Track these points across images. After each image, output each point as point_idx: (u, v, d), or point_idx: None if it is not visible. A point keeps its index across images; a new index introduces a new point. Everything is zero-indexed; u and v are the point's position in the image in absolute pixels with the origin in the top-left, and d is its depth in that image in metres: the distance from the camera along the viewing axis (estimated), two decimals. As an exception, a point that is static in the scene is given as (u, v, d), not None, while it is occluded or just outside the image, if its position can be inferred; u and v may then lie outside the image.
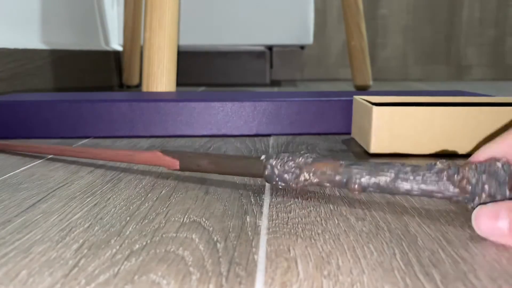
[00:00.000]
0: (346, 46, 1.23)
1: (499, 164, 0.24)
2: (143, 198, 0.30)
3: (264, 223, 0.26)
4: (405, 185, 0.26)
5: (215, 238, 0.23)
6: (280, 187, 0.30)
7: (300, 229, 0.25)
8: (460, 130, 0.42)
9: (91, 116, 0.52)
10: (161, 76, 0.66)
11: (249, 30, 1.35)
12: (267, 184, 0.33)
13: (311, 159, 0.29)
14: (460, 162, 0.28)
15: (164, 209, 0.28)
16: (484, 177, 0.24)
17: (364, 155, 0.43)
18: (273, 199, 0.30)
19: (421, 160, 0.41)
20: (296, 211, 0.28)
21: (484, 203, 0.24)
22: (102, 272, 0.20)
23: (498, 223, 0.22)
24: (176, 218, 0.26)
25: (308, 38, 1.37)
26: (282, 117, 0.53)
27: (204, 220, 0.26)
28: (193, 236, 0.24)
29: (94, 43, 1.20)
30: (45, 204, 0.29)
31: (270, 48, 1.44)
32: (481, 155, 0.26)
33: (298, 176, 0.29)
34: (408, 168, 0.26)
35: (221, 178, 0.35)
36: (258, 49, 1.42)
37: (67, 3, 1.06)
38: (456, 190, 0.25)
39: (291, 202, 0.29)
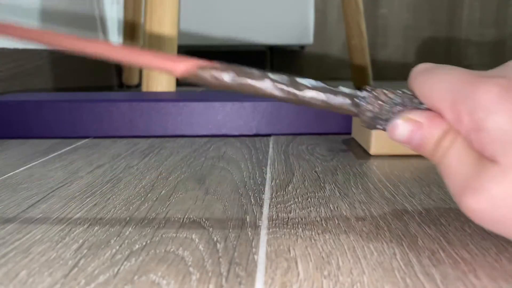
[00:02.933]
0: (346, 46, 1.23)
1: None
2: (143, 198, 0.30)
3: (264, 223, 0.26)
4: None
5: (215, 238, 0.23)
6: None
7: (300, 229, 0.25)
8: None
9: (91, 116, 0.52)
10: (161, 76, 0.66)
11: (249, 30, 1.35)
12: (267, 184, 0.33)
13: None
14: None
15: (164, 209, 0.28)
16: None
17: (365, 155, 0.43)
18: (273, 199, 0.30)
19: (421, 161, 0.41)
20: (296, 211, 0.28)
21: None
22: (102, 272, 0.20)
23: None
24: (176, 218, 0.26)
25: (308, 38, 1.37)
26: (282, 117, 0.53)
27: (204, 220, 0.26)
28: (193, 236, 0.24)
29: (94, 43, 1.20)
30: (44, 204, 0.29)
31: (270, 48, 1.44)
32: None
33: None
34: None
35: (221, 178, 0.35)
36: (258, 49, 1.42)
37: (67, 2, 1.06)
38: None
39: (291, 202, 0.29)
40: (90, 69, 1.14)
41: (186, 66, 0.23)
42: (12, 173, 0.37)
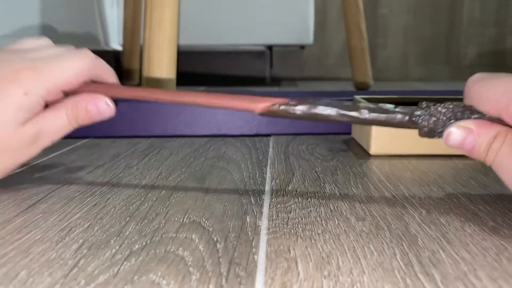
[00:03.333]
0: (346, 46, 1.23)
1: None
2: (142, 198, 0.30)
3: (264, 223, 0.26)
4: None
5: (215, 238, 0.23)
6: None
7: (300, 229, 0.25)
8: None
9: (91, 116, 0.52)
10: (161, 75, 0.66)
11: (249, 30, 1.35)
12: (267, 184, 0.33)
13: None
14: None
15: (164, 209, 0.28)
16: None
17: (365, 155, 0.43)
18: (273, 199, 0.30)
19: (421, 161, 0.41)
20: (296, 211, 0.27)
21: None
22: (101, 272, 0.20)
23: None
24: (176, 218, 0.26)
25: (308, 38, 1.36)
26: (282, 117, 0.53)
27: (204, 220, 0.26)
28: (193, 236, 0.24)
29: (94, 43, 1.20)
30: (45, 204, 0.29)
31: (270, 48, 1.44)
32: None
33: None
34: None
35: (221, 178, 0.35)
36: (258, 49, 1.42)
37: (67, 3, 1.06)
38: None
39: (291, 202, 0.29)
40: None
41: (264, 105, 0.28)
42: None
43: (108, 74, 0.34)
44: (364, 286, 0.18)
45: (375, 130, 0.42)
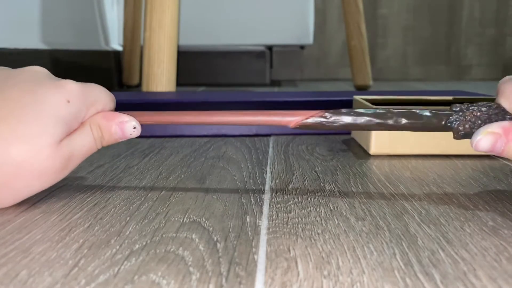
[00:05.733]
0: (346, 46, 1.23)
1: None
2: (143, 198, 0.30)
3: (264, 223, 0.26)
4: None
5: (215, 238, 0.23)
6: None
7: (300, 229, 0.25)
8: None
9: (91, 116, 0.52)
10: (161, 76, 0.66)
11: (249, 30, 1.35)
12: (267, 184, 0.33)
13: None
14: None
15: (164, 209, 0.28)
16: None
17: (364, 155, 0.43)
18: (273, 199, 0.30)
19: (420, 161, 0.41)
20: (296, 211, 0.28)
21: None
22: (102, 272, 0.20)
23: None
24: (176, 218, 0.26)
25: (308, 38, 1.37)
26: (282, 117, 0.53)
27: (204, 220, 0.26)
28: (193, 236, 0.24)
29: (94, 43, 1.20)
30: (45, 204, 0.29)
31: (270, 48, 1.44)
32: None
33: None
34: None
35: (221, 178, 0.35)
36: (258, 49, 1.42)
37: (67, 3, 1.06)
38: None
39: (291, 202, 0.29)
40: (90, 69, 1.14)
41: (297, 119, 0.29)
42: (12, 173, 0.37)
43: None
44: (363, 286, 0.18)
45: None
